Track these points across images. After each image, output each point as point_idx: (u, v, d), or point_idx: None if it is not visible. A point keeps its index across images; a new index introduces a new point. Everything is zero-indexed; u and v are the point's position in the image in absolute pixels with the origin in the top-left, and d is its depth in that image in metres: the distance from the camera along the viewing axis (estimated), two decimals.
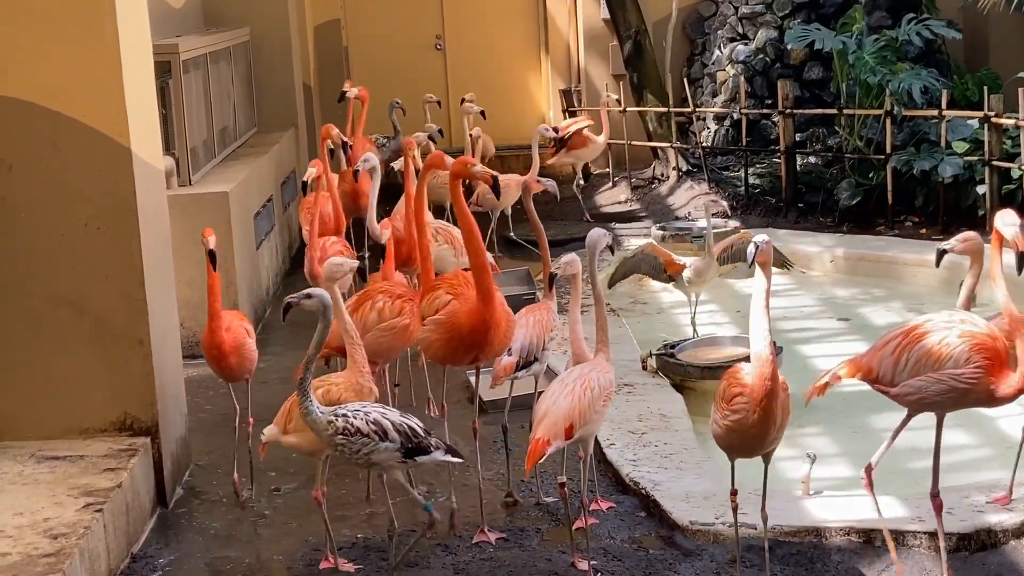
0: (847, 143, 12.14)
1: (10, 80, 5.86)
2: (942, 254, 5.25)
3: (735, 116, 13.43)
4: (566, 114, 14.94)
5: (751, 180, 12.73)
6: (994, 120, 10.55)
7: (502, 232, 11.39)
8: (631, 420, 6.82)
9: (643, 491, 5.92)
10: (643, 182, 13.90)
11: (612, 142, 13.38)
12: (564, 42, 16.08)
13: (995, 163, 10.56)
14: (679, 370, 7.60)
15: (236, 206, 9.07)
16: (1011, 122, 10.45)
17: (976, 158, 10.77)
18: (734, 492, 4.96)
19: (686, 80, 13.82)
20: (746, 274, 8.91)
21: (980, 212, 10.72)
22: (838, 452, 6.84)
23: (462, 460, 5.20)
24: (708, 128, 14.36)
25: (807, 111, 12.75)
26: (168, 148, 8.63)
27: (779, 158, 12.37)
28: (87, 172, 5.93)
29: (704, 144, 13.76)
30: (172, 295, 6.69)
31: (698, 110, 13.68)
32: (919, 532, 5.27)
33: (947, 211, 11.06)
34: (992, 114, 10.55)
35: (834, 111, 12.21)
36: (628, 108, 13.77)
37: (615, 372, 5.43)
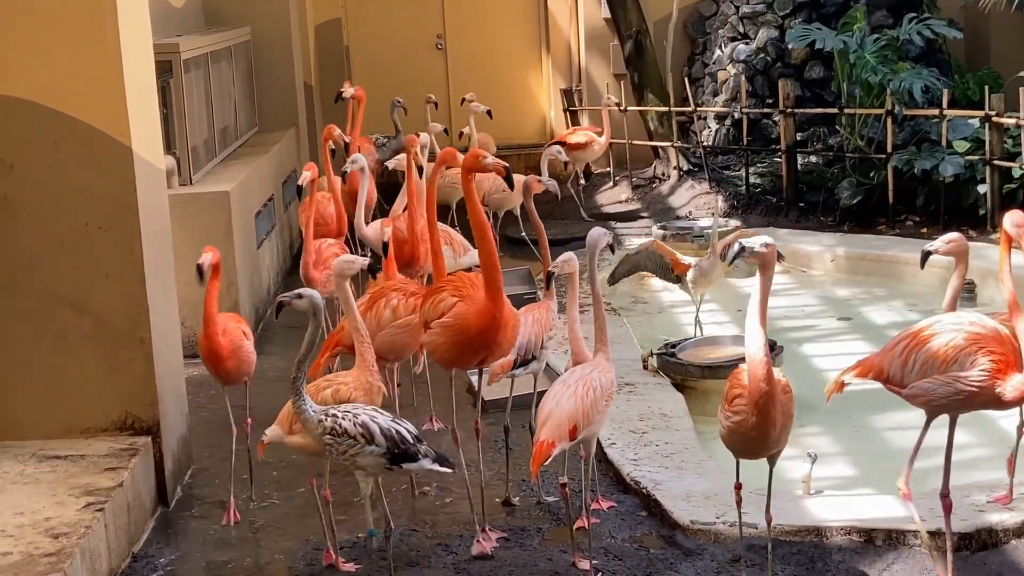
0: (848, 142, 12.13)
1: (11, 79, 5.85)
2: (927, 255, 5.23)
3: (736, 115, 13.43)
4: (567, 114, 14.95)
5: (752, 179, 12.71)
6: (995, 119, 10.56)
7: (505, 232, 11.38)
8: (632, 420, 6.82)
9: (644, 491, 5.91)
10: (644, 181, 13.89)
11: (613, 141, 13.36)
12: (565, 41, 16.07)
13: (996, 162, 10.57)
14: (680, 369, 7.59)
15: (237, 205, 9.07)
16: (1012, 121, 10.46)
17: (977, 157, 10.78)
18: (738, 486, 4.94)
19: (687, 79, 13.82)
20: (747, 273, 8.91)
21: (981, 211, 10.73)
22: (839, 452, 6.83)
23: (452, 471, 5.16)
24: (709, 127, 14.35)
25: (808, 110, 12.76)
26: (169, 147, 8.63)
27: (780, 157, 12.37)
28: (88, 171, 5.92)
29: (705, 143, 13.75)
30: (173, 294, 6.69)
31: (699, 109, 13.67)
32: (919, 532, 5.25)
33: (948, 210, 11.07)
34: (993, 113, 10.55)
35: (835, 110, 12.20)
36: (629, 107, 13.77)
37: (616, 371, 5.43)
